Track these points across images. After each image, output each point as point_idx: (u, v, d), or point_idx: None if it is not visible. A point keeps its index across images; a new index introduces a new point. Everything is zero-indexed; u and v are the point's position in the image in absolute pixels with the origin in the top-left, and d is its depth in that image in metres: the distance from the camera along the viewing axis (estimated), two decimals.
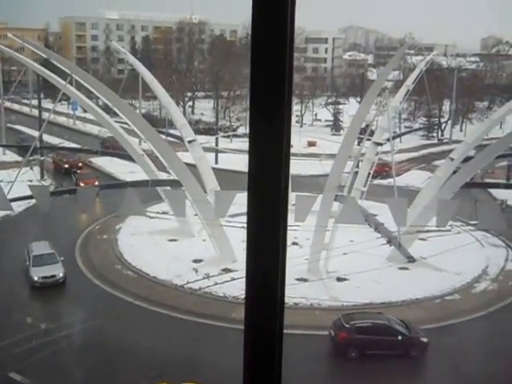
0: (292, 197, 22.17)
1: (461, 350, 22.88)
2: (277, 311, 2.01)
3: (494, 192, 44.00)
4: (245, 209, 1.94)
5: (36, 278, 27.63)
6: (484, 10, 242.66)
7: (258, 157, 1.91)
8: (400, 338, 22.34)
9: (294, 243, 31.62)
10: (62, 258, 28.97)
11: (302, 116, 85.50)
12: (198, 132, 50.72)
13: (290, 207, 2.50)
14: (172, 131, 45.85)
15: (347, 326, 22.71)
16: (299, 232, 28.83)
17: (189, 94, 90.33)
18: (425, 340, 22.46)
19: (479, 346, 23.23)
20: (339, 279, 28.47)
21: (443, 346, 22.78)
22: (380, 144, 38.32)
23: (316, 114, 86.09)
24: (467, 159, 32.20)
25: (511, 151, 45.69)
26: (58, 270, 28.08)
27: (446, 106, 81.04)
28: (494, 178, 48.81)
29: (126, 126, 34.85)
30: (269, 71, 1.85)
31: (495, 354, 22.37)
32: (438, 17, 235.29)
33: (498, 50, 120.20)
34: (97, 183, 40.06)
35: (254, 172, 1.92)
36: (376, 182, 40.83)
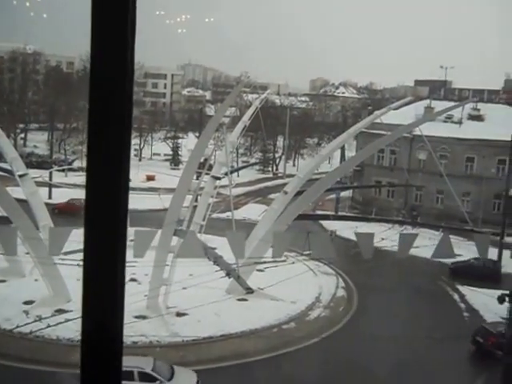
0: (130, 232, 21.78)
1: (295, 377, 23.69)
2: (115, 351, 1.95)
3: (325, 223, 46.69)
4: (80, 246, 1.88)
5: None
6: (314, 52, 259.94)
7: (95, 191, 1.87)
8: None
9: (132, 279, 30.92)
10: None
11: (140, 150, 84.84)
12: (30, 165, 48.26)
13: (128, 243, 2.46)
14: (1, 164, 43.14)
15: (495, 332, 25.52)
16: (137, 268, 28.37)
17: (21, 125, 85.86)
18: None
19: (314, 372, 24.18)
20: (179, 314, 28.26)
21: (279, 372, 23.45)
22: (218, 178, 39.10)
23: (178, 149, 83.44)
24: (300, 192, 33.82)
25: (339, 185, 49.03)
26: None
27: (280, 141, 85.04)
28: (324, 210, 51.87)
29: None
30: (108, 104, 1.83)
31: (328, 378, 23.46)
32: (272, 57, 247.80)
33: (326, 90, 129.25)
34: None
35: (91, 207, 1.87)
36: (215, 215, 41.46)
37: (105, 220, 1.88)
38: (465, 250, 38.08)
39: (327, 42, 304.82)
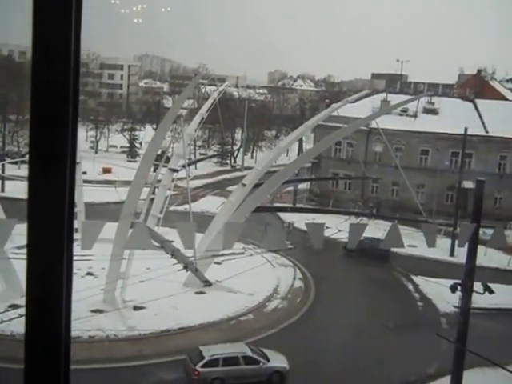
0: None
1: None
2: (61, 347, 1.89)
3: (283, 215, 46.94)
4: None
5: None
6: (272, 44, 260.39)
7: (39, 183, 1.81)
8: None
9: (88, 273, 30.57)
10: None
11: (97, 142, 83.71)
12: None
13: (78, 236, 2.41)
14: None
15: None
16: (94, 261, 28.06)
17: None
18: None
19: None
20: (136, 308, 28.06)
21: None
22: (176, 170, 38.85)
23: (141, 143, 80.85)
24: (258, 185, 33.91)
25: (296, 177, 49.34)
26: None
27: (238, 134, 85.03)
28: (282, 202, 52.19)
29: None
30: (51, 95, 1.78)
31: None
32: (231, 49, 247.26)
33: (284, 83, 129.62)
34: None
35: (35, 199, 1.82)
36: (172, 208, 41.26)
37: (48, 214, 1.84)
38: (418, 241, 38.66)
39: (285, 34, 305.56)
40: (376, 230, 33.56)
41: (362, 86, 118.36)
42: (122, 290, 28.49)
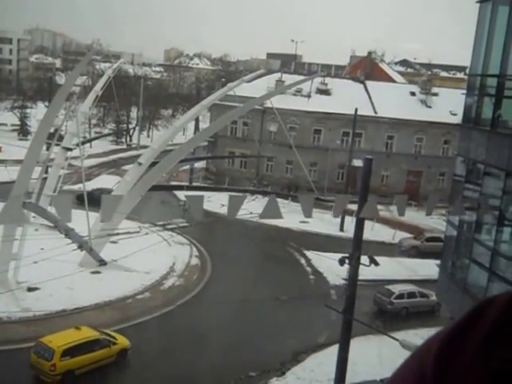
0: None
1: (152, 345, 24.24)
2: None
3: (179, 194, 47.17)
4: None
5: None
6: (167, 21, 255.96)
7: None
8: None
9: None
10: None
11: None
12: None
13: None
14: None
15: None
16: None
17: None
18: None
19: (166, 340, 24.83)
20: (30, 289, 27.56)
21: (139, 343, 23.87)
22: (69, 149, 38.03)
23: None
24: (154, 163, 33.94)
25: (193, 156, 49.67)
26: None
27: (134, 112, 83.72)
28: (178, 180, 52.37)
29: None
30: None
31: (177, 347, 24.13)
32: (126, 25, 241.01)
33: (180, 61, 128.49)
34: None
35: None
36: (66, 187, 40.42)
37: None
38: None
39: (181, 11, 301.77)
40: None
41: (257, 65, 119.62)
42: (15, 271, 27.86)
